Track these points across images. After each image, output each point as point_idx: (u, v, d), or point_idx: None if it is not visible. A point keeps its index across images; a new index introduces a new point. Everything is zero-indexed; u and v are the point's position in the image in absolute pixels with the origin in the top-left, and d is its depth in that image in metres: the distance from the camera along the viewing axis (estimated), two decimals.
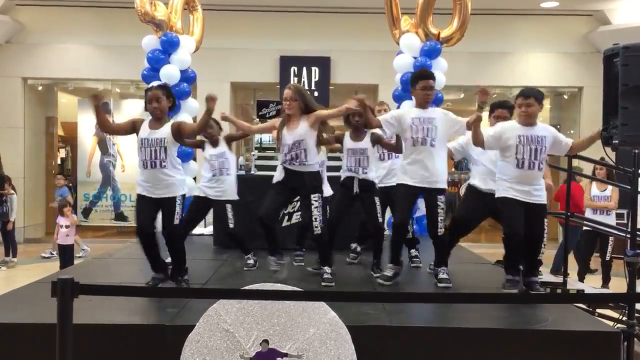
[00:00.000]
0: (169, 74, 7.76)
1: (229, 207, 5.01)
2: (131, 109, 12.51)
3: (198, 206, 5.12)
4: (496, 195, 4.27)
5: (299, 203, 5.31)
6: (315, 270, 4.70)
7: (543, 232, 4.38)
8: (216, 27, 9.59)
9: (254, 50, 11.44)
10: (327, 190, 5.12)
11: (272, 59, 11.52)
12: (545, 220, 4.51)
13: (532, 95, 4.20)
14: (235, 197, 5.07)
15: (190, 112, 8.08)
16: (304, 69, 11.46)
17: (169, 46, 7.80)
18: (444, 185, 4.41)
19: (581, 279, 7.19)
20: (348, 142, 4.72)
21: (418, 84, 4.43)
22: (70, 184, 13.05)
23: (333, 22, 11.38)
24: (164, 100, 4.17)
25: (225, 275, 4.91)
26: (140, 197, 4.18)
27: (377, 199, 4.67)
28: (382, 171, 5.20)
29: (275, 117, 6.22)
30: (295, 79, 11.39)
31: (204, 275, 4.78)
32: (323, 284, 4.38)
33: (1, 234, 9.40)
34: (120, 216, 12.27)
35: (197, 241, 6.98)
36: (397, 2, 7.97)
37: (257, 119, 7.14)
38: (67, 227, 7.96)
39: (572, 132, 12.39)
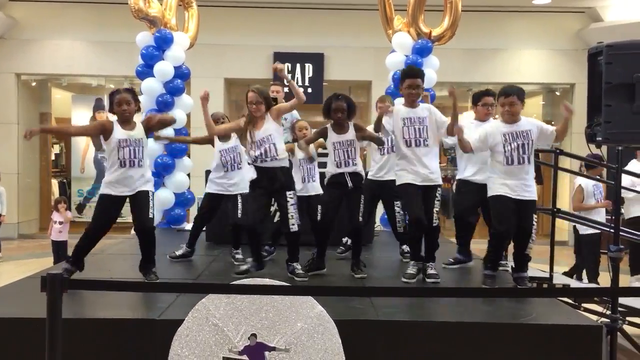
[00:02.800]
0: (163, 70, 7.79)
1: (239, 198, 5.08)
2: None
3: (212, 203, 5.24)
4: (488, 194, 4.33)
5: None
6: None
7: (532, 228, 4.44)
8: (210, 23, 9.61)
9: (248, 46, 11.46)
10: (318, 188, 5.15)
11: (266, 56, 11.53)
12: (535, 216, 4.57)
13: (513, 94, 4.24)
14: (247, 189, 5.07)
15: (184, 108, 8.11)
16: (298, 65, 11.49)
17: (163, 42, 7.82)
18: (440, 181, 4.49)
19: (579, 277, 7.22)
20: (333, 136, 4.61)
21: (404, 82, 4.47)
22: (65, 180, 13.09)
23: (327, 18, 11.41)
24: (132, 103, 4.28)
25: (216, 270, 4.95)
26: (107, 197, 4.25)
27: (362, 197, 4.63)
28: (376, 165, 5.27)
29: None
30: (289, 75, 11.37)
31: (195, 271, 4.83)
32: (298, 279, 4.39)
33: None
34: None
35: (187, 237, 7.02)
36: (390, 3, 8.04)
37: None
38: (60, 223, 7.99)
39: None
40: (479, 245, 5.27)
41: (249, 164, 4.90)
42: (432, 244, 4.52)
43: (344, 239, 5.51)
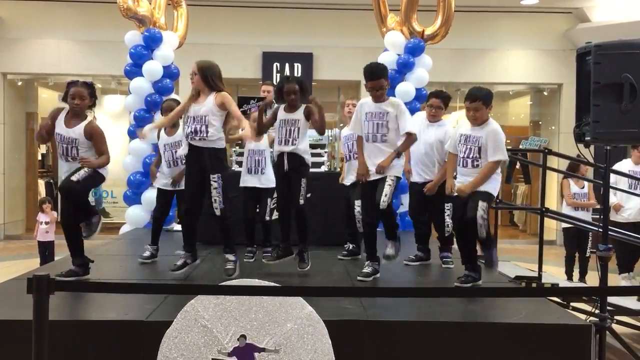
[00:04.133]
0: (152, 69, 7.74)
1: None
2: (112, 104, 12.45)
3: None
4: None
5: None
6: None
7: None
8: (199, 22, 9.57)
9: (237, 46, 11.42)
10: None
11: (255, 55, 11.51)
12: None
13: (479, 99, 4.19)
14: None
15: None
16: (287, 65, 11.47)
17: (152, 42, 7.78)
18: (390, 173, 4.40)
19: (570, 277, 7.28)
20: (281, 113, 4.62)
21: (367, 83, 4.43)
22: (51, 181, 12.97)
23: (315, 18, 11.39)
24: (86, 99, 4.31)
25: (205, 271, 4.91)
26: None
27: (304, 180, 4.56)
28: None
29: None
30: (278, 74, 11.39)
31: (184, 272, 4.79)
32: (227, 275, 4.30)
33: None
34: (101, 213, 12.18)
35: (177, 237, 6.96)
36: (384, 1, 8.04)
37: None
38: (46, 223, 7.92)
39: (552, 128, 12.54)
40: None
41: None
42: (386, 224, 4.51)
43: (347, 245, 5.45)
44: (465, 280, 4.22)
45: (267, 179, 5.01)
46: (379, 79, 4.36)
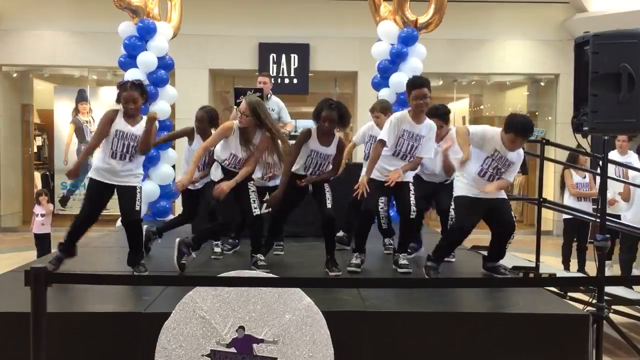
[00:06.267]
0: (146, 61, 7.70)
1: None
2: (108, 96, 12.38)
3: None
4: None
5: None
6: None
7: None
8: (194, 13, 9.51)
9: (233, 37, 11.36)
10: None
11: (251, 46, 11.45)
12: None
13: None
14: None
15: (168, 99, 8.04)
16: (283, 55, 11.42)
17: (146, 33, 7.73)
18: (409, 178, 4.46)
19: (567, 267, 7.29)
20: (315, 143, 4.46)
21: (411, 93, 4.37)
22: (48, 173, 12.93)
23: (312, 9, 11.34)
24: (139, 101, 4.24)
25: (202, 263, 4.91)
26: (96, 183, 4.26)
27: (327, 185, 4.55)
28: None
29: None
30: (275, 65, 11.35)
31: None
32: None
33: None
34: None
35: (174, 229, 6.96)
36: None
37: (235, 107, 7.14)
38: (42, 215, 7.89)
39: (549, 118, 12.55)
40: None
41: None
42: (405, 235, 4.50)
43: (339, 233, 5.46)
44: (436, 272, 4.29)
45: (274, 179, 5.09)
46: (423, 87, 4.32)
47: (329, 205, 4.42)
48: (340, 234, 5.41)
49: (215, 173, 4.62)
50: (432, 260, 4.33)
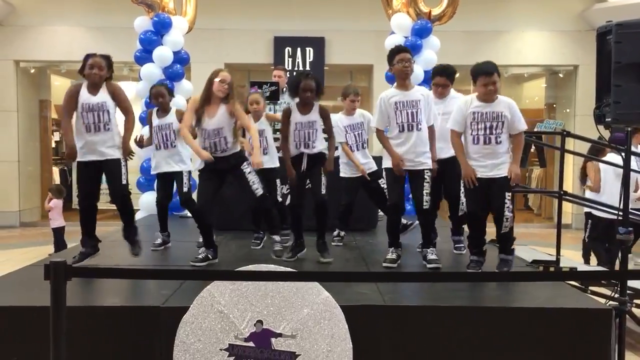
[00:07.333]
0: (162, 55, 7.72)
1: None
2: (125, 91, 12.42)
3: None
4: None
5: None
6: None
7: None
8: (209, 7, 9.51)
9: (248, 31, 11.34)
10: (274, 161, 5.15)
11: (266, 40, 11.43)
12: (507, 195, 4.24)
13: (497, 72, 4.09)
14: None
15: (184, 94, 8.04)
16: (298, 49, 11.38)
17: (161, 27, 7.74)
18: (428, 165, 4.34)
19: (587, 261, 7.17)
20: (296, 115, 4.51)
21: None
22: (65, 168, 13.04)
23: (327, 2, 11.27)
24: (104, 69, 4.26)
25: (222, 257, 4.90)
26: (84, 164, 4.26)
27: (322, 172, 4.54)
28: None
29: (270, 98, 6.18)
30: (290, 59, 11.32)
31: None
32: (276, 257, 4.50)
33: None
34: None
35: (191, 223, 6.97)
36: None
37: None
38: (48, 211, 8.24)
39: (567, 110, 12.38)
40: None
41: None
42: (426, 228, 4.43)
43: (335, 232, 5.45)
44: (476, 267, 4.19)
45: (272, 159, 5.07)
46: (406, 52, 4.36)
47: (323, 191, 4.46)
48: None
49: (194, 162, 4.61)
50: (474, 254, 4.25)
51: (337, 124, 5.11)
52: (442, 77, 4.83)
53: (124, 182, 4.27)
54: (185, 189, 5.09)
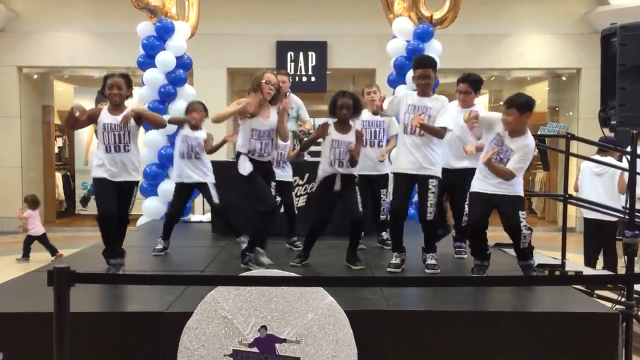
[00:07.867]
0: (165, 60, 7.71)
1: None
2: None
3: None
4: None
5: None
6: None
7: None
8: (211, 12, 9.51)
9: (250, 35, 11.36)
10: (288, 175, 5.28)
11: (269, 44, 11.44)
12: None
13: (515, 106, 3.99)
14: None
15: (186, 98, 8.01)
16: (301, 53, 11.39)
17: (164, 32, 7.74)
18: (436, 172, 4.32)
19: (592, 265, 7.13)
20: (333, 133, 4.49)
21: (415, 72, 4.38)
22: (68, 173, 13.05)
23: (329, 6, 11.29)
24: (124, 89, 4.27)
25: (224, 262, 4.90)
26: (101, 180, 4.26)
27: (357, 189, 4.56)
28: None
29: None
30: (292, 64, 11.33)
31: (202, 262, 4.78)
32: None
33: None
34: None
35: (195, 228, 6.98)
36: None
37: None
38: (23, 221, 8.83)
39: (570, 113, 12.36)
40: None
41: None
42: (428, 235, 4.44)
43: None
44: (480, 271, 4.20)
45: (287, 173, 5.25)
46: (426, 68, 4.32)
47: (360, 208, 4.48)
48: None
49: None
50: (478, 259, 4.26)
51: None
52: (463, 84, 4.77)
53: (130, 208, 4.34)
54: (216, 200, 5.10)
